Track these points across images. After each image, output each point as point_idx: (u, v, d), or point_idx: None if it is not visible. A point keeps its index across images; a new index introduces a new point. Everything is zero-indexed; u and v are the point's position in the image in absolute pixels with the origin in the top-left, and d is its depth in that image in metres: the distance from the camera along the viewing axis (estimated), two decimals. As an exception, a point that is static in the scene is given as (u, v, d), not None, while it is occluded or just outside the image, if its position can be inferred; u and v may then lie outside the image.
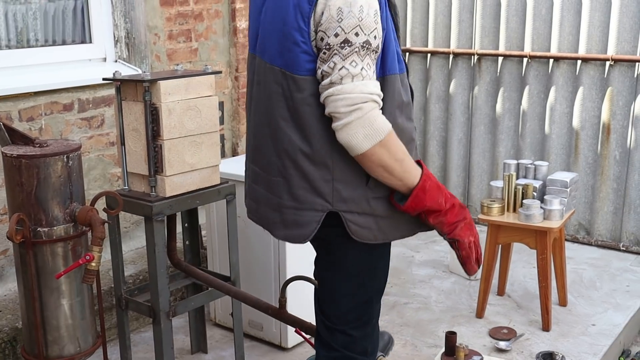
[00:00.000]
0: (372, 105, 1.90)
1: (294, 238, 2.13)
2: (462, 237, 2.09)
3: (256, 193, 2.20)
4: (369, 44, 1.90)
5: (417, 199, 2.01)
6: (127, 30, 3.92)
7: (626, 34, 4.31)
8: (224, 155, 4.40)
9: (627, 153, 4.46)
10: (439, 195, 2.04)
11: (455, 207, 2.08)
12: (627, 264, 4.38)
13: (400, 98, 2.04)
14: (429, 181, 2.02)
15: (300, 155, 2.02)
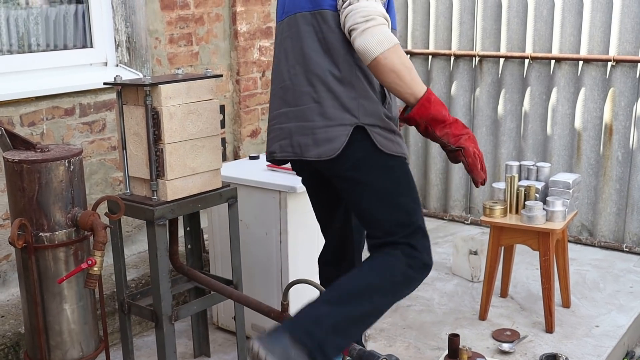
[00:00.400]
0: (383, 20, 2.22)
1: (326, 153, 2.37)
2: (467, 146, 2.31)
3: (284, 131, 2.48)
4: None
5: (423, 107, 2.28)
6: (128, 34, 3.92)
7: (628, 34, 4.31)
8: (226, 159, 4.40)
9: (629, 154, 4.45)
10: (443, 108, 2.31)
11: (458, 122, 2.33)
12: (631, 264, 4.37)
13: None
14: (433, 95, 2.29)
15: (330, 77, 2.35)
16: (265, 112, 4.72)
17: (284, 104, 2.49)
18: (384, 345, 3.46)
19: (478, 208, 5.08)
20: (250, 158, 3.68)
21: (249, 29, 4.50)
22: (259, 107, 4.65)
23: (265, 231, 3.28)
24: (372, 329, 3.61)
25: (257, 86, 4.63)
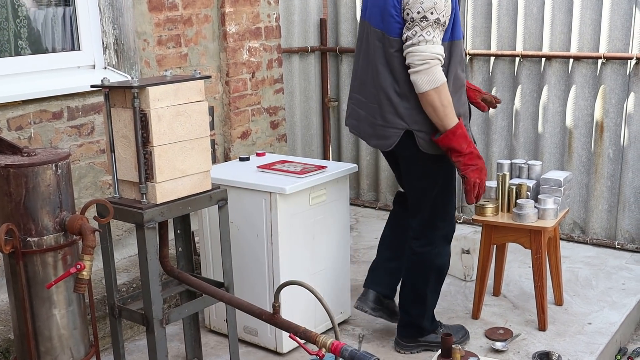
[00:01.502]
0: (436, 62, 2.84)
1: (382, 146, 3.10)
2: (469, 176, 2.94)
3: (359, 114, 3.15)
4: (439, 21, 2.84)
5: (447, 138, 2.89)
6: (116, 36, 3.90)
7: (617, 31, 4.31)
8: (216, 161, 4.38)
9: (620, 151, 4.45)
10: (463, 142, 2.88)
11: (472, 154, 2.91)
12: (623, 262, 4.37)
13: (461, 56, 2.99)
14: (459, 130, 2.88)
15: (392, 90, 2.97)
16: (255, 114, 4.70)
17: (360, 91, 3.13)
18: (377, 345, 3.45)
19: (470, 207, 5.07)
20: (241, 160, 3.66)
21: (238, 30, 4.49)
22: (249, 108, 4.64)
23: (256, 233, 3.27)
24: (365, 329, 3.60)
25: (247, 87, 4.61)
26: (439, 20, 2.84)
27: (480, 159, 2.95)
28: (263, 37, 4.69)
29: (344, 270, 3.61)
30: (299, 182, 3.21)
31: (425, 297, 3.28)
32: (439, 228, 3.22)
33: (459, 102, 3.00)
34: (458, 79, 2.99)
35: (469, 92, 3.36)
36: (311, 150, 5.48)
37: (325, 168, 3.39)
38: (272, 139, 4.87)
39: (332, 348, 2.29)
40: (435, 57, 2.83)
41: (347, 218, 3.57)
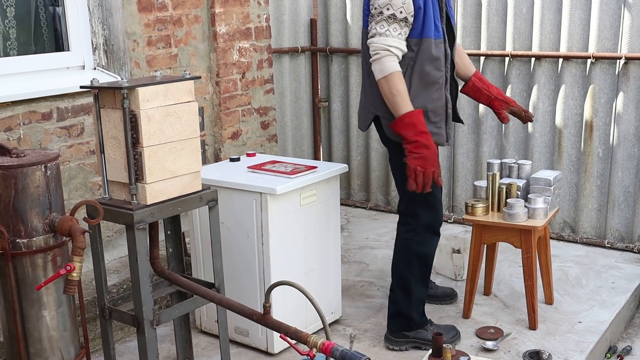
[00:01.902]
0: (386, 53, 3.03)
1: (360, 128, 3.39)
2: (409, 163, 3.04)
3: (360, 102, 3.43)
4: (394, 16, 3.03)
5: (395, 125, 3.08)
6: (105, 37, 3.89)
7: (606, 31, 4.33)
8: (206, 161, 4.38)
9: (610, 150, 4.47)
10: (409, 130, 3.03)
11: (418, 143, 3.02)
12: (612, 260, 4.39)
13: (431, 54, 3.11)
14: (407, 119, 3.03)
15: (367, 78, 3.23)
16: (245, 114, 4.70)
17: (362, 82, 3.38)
18: (368, 345, 3.45)
19: (461, 206, 5.08)
20: (231, 160, 3.66)
21: (228, 30, 4.48)
22: (239, 108, 4.63)
23: (246, 233, 3.26)
24: (356, 329, 3.60)
25: (237, 88, 4.61)
26: (395, 15, 3.03)
27: (428, 149, 3.02)
28: (253, 37, 4.68)
29: (334, 271, 3.61)
30: (289, 183, 3.21)
31: (410, 285, 3.35)
32: (420, 216, 3.31)
33: (428, 98, 3.15)
34: (428, 75, 3.13)
35: (495, 101, 3.55)
36: (302, 150, 5.48)
37: (315, 168, 3.39)
38: (262, 139, 4.86)
39: (323, 348, 2.29)
40: (385, 48, 3.03)
41: (337, 218, 3.57)
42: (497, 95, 3.55)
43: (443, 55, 3.17)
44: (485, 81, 3.60)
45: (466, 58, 3.64)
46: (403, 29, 3.06)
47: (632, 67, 4.29)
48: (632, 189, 4.45)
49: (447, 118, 3.26)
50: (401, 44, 3.06)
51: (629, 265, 4.31)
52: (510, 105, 3.56)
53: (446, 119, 3.25)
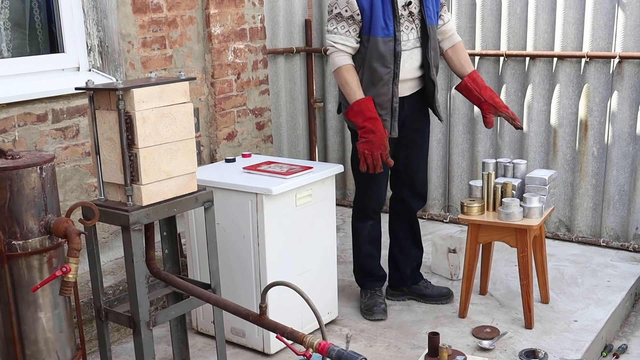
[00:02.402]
0: (333, 49, 3.41)
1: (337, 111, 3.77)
2: (359, 147, 3.34)
3: None
4: (340, 15, 3.37)
5: (346, 112, 3.45)
6: (100, 38, 3.89)
7: (600, 30, 4.34)
8: (202, 162, 4.38)
9: (604, 149, 4.48)
10: (358, 117, 3.35)
11: (365, 128, 3.31)
12: (608, 259, 4.40)
13: (378, 51, 3.37)
14: (356, 107, 3.35)
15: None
16: (241, 115, 4.70)
17: None
18: (364, 345, 3.45)
19: (456, 206, 5.09)
20: (227, 161, 3.66)
21: (223, 31, 4.48)
22: (234, 109, 4.63)
23: (242, 234, 3.27)
24: (353, 329, 3.61)
25: (233, 88, 4.61)
26: (341, 14, 3.36)
27: (374, 133, 3.29)
28: (248, 38, 4.69)
29: (330, 271, 3.61)
30: (285, 183, 3.21)
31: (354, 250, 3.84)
32: (359, 201, 3.75)
33: (376, 92, 3.42)
34: (375, 71, 3.39)
35: (484, 104, 3.59)
36: (297, 151, 5.48)
37: (311, 169, 3.40)
38: (258, 140, 4.87)
39: (319, 348, 2.30)
40: (332, 45, 3.40)
41: (333, 218, 3.57)
42: (487, 98, 3.58)
43: (391, 53, 3.38)
44: (480, 83, 3.63)
45: (463, 57, 3.70)
46: (351, 26, 3.36)
47: (626, 66, 4.30)
48: (627, 188, 4.46)
49: (393, 112, 3.46)
50: (348, 40, 3.38)
51: (625, 264, 4.32)
52: (499, 110, 3.58)
53: (392, 112, 3.46)
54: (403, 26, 3.42)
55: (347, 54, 3.41)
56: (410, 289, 3.91)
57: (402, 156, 3.72)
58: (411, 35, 3.45)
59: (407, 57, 3.46)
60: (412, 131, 3.67)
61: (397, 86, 3.44)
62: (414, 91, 3.60)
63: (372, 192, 3.70)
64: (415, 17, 3.44)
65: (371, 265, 3.82)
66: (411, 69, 3.50)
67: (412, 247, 3.90)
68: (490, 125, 3.64)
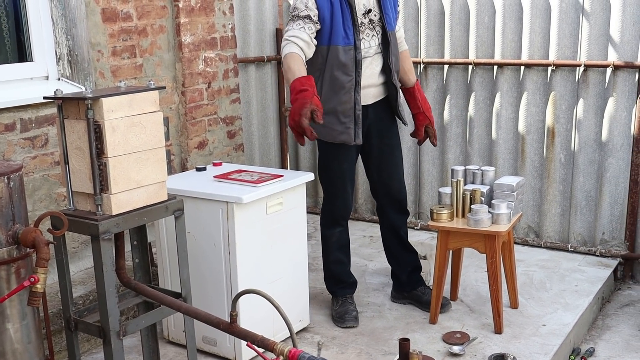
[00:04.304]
0: (287, 42, 3.42)
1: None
2: (289, 115, 3.23)
3: None
4: (297, 15, 3.44)
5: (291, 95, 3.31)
6: (70, 47, 3.87)
7: (566, 39, 4.42)
8: (173, 171, 4.37)
9: (571, 155, 4.55)
10: (293, 93, 3.23)
11: (296, 101, 3.20)
12: (576, 264, 4.47)
13: (339, 60, 3.45)
14: (293, 85, 3.26)
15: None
16: (211, 124, 4.70)
17: None
18: (336, 352, 3.47)
19: (427, 213, 5.13)
20: (197, 170, 3.66)
21: (194, 40, 4.49)
22: (205, 118, 4.63)
23: (213, 243, 3.27)
24: (324, 337, 3.62)
25: (203, 97, 4.61)
26: (298, 14, 3.44)
27: (296, 102, 3.19)
28: (219, 47, 4.69)
29: (302, 279, 3.62)
30: (255, 191, 3.22)
31: (323, 258, 3.87)
32: (326, 208, 3.80)
33: (337, 100, 3.50)
34: (336, 79, 3.46)
35: (420, 115, 3.77)
36: (269, 159, 5.49)
37: (282, 177, 3.41)
38: (229, 148, 4.87)
39: (289, 355, 2.30)
40: (286, 39, 3.44)
41: (304, 226, 3.59)
42: (425, 110, 3.77)
43: (352, 61, 3.45)
44: (422, 94, 3.82)
45: (408, 65, 3.82)
46: (307, 24, 3.43)
47: (591, 75, 4.38)
48: (593, 194, 4.53)
49: (356, 120, 3.51)
50: (301, 33, 3.41)
51: (592, 269, 4.39)
52: (429, 125, 3.76)
53: (355, 120, 3.52)
54: (364, 34, 3.50)
55: (296, 45, 3.39)
56: (410, 294, 3.94)
57: (374, 166, 3.77)
58: (372, 43, 3.53)
59: (369, 64, 3.54)
60: (379, 140, 3.71)
61: (359, 94, 3.50)
62: (378, 99, 3.65)
63: (338, 198, 3.74)
64: (376, 24, 3.52)
65: (341, 272, 3.84)
66: (372, 74, 3.56)
67: (403, 252, 3.92)
68: (420, 137, 3.78)
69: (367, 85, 3.55)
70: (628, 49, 4.25)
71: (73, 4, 3.83)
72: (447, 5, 4.79)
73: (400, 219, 3.88)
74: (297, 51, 3.39)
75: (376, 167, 3.77)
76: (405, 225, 3.93)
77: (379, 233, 4.04)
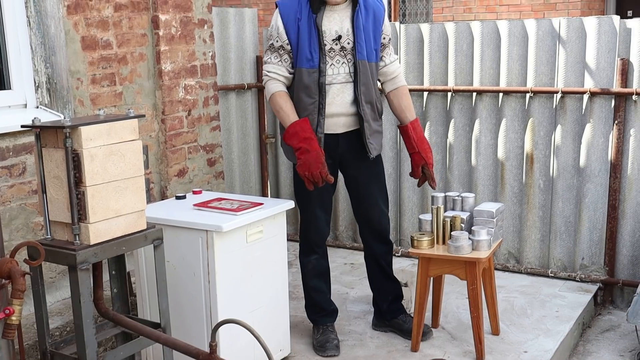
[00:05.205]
0: (267, 78, 3.52)
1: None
2: (298, 170, 3.42)
3: None
4: (272, 45, 3.53)
5: (284, 136, 3.49)
6: (48, 75, 3.86)
7: (543, 66, 4.47)
8: (152, 199, 4.34)
9: (550, 181, 4.58)
10: (294, 139, 3.40)
11: (301, 149, 3.37)
12: (556, 289, 4.48)
13: (303, 82, 3.46)
14: (291, 129, 3.41)
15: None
16: (192, 151, 4.69)
17: None
18: (317, 382, 3.44)
19: (408, 240, 5.13)
20: (177, 198, 3.64)
21: (174, 68, 4.49)
22: (185, 146, 4.62)
23: (192, 272, 3.24)
24: (306, 366, 3.59)
25: (183, 125, 4.60)
26: (273, 45, 3.51)
27: (309, 152, 3.35)
28: (199, 74, 4.70)
29: (282, 307, 3.60)
30: (235, 220, 3.21)
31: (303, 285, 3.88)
32: (302, 235, 3.80)
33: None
34: (301, 101, 3.49)
35: (416, 155, 3.62)
36: (249, 187, 5.48)
37: (262, 205, 3.40)
38: (209, 176, 4.85)
39: (270, 386, 2.28)
40: (265, 73, 3.52)
41: (284, 254, 3.57)
42: (421, 150, 3.62)
43: (315, 84, 3.45)
44: (419, 133, 3.66)
45: (405, 102, 3.70)
46: (282, 56, 3.49)
47: (568, 101, 4.43)
48: (572, 219, 4.56)
49: (319, 142, 3.47)
50: (280, 69, 3.50)
51: (572, 294, 4.40)
52: (426, 167, 3.63)
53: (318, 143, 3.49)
54: (334, 60, 3.47)
55: (280, 81, 3.50)
56: (391, 323, 3.90)
57: (353, 196, 3.77)
58: (342, 70, 3.49)
59: (338, 92, 3.50)
60: (357, 170, 3.69)
61: (322, 117, 3.49)
62: (350, 129, 3.59)
63: (313, 226, 3.72)
64: (347, 52, 3.48)
65: (321, 300, 3.82)
66: (343, 102, 3.51)
67: (384, 281, 3.89)
68: (417, 176, 3.67)
69: (337, 113, 3.53)
70: (604, 75, 4.31)
71: (52, 32, 3.82)
72: (425, 33, 4.84)
73: (381, 248, 3.85)
74: (283, 88, 3.48)
75: (355, 197, 3.77)
76: (388, 255, 3.89)
77: (360, 260, 4.04)
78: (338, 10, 3.49)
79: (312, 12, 3.44)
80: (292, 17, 3.45)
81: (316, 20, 3.43)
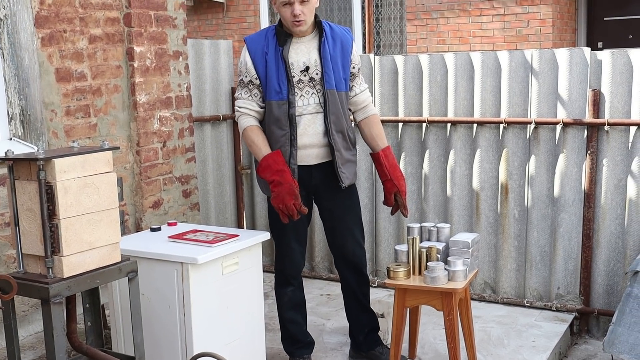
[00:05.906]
0: (239, 113, 3.57)
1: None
2: (273, 203, 3.43)
3: None
4: (242, 81, 3.57)
5: (257, 169, 3.51)
6: (22, 107, 3.83)
7: (516, 97, 4.52)
8: (127, 232, 4.31)
9: (525, 211, 4.62)
10: (266, 172, 3.42)
11: (274, 181, 3.39)
12: (532, 319, 4.48)
13: (273, 115, 3.49)
14: (264, 162, 3.43)
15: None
16: (167, 183, 4.67)
17: None
18: (294, 415, 3.40)
19: (384, 271, 5.13)
20: (152, 230, 3.61)
21: (149, 100, 4.48)
22: (160, 177, 4.60)
23: (168, 304, 3.21)
24: (282, 399, 3.55)
25: (158, 157, 4.58)
26: (243, 80, 3.55)
27: (282, 185, 3.37)
28: (174, 106, 4.70)
29: (258, 339, 3.57)
30: (210, 252, 3.19)
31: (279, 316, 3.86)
32: (277, 267, 3.78)
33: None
34: (272, 133, 3.51)
35: (388, 182, 3.62)
36: (225, 218, 5.46)
37: (237, 236, 3.38)
38: (184, 207, 4.83)
39: (246, 420, 2.25)
40: (237, 109, 3.58)
41: (260, 286, 3.55)
42: (394, 178, 3.62)
43: (286, 116, 3.48)
44: (391, 161, 3.65)
45: (376, 131, 3.70)
46: (252, 91, 3.53)
47: (541, 132, 4.48)
48: (547, 249, 4.59)
49: (293, 174, 3.47)
50: (250, 104, 3.54)
51: (548, 324, 4.41)
52: (399, 194, 3.63)
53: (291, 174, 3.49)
54: (303, 91, 3.49)
55: (252, 116, 3.53)
56: (368, 354, 3.88)
57: (327, 228, 3.77)
58: (312, 100, 3.50)
59: (310, 122, 3.51)
60: (331, 202, 3.69)
61: (295, 148, 3.49)
62: (324, 161, 3.59)
63: (288, 258, 3.70)
64: (316, 82, 3.49)
65: (296, 332, 3.79)
66: (315, 133, 3.52)
67: (360, 313, 3.87)
68: (390, 204, 3.66)
69: (309, 144, 3.53)
70: (576, 106, 4.37)
71: (26, 64, 3.81)
72: (400, 64, 4.89)
73: (357, 280, 3.84)
74: (254, 122, 3.51)
75: (329, 229, 3.77)
76: (364, 286, 3.87)
77: (337, 291, 4.03)
78: (305, 41, 3.51)
79: (278, 45, 3.46)
80: (260, 51, 3.48)
81: (282, 53, 3.45)
